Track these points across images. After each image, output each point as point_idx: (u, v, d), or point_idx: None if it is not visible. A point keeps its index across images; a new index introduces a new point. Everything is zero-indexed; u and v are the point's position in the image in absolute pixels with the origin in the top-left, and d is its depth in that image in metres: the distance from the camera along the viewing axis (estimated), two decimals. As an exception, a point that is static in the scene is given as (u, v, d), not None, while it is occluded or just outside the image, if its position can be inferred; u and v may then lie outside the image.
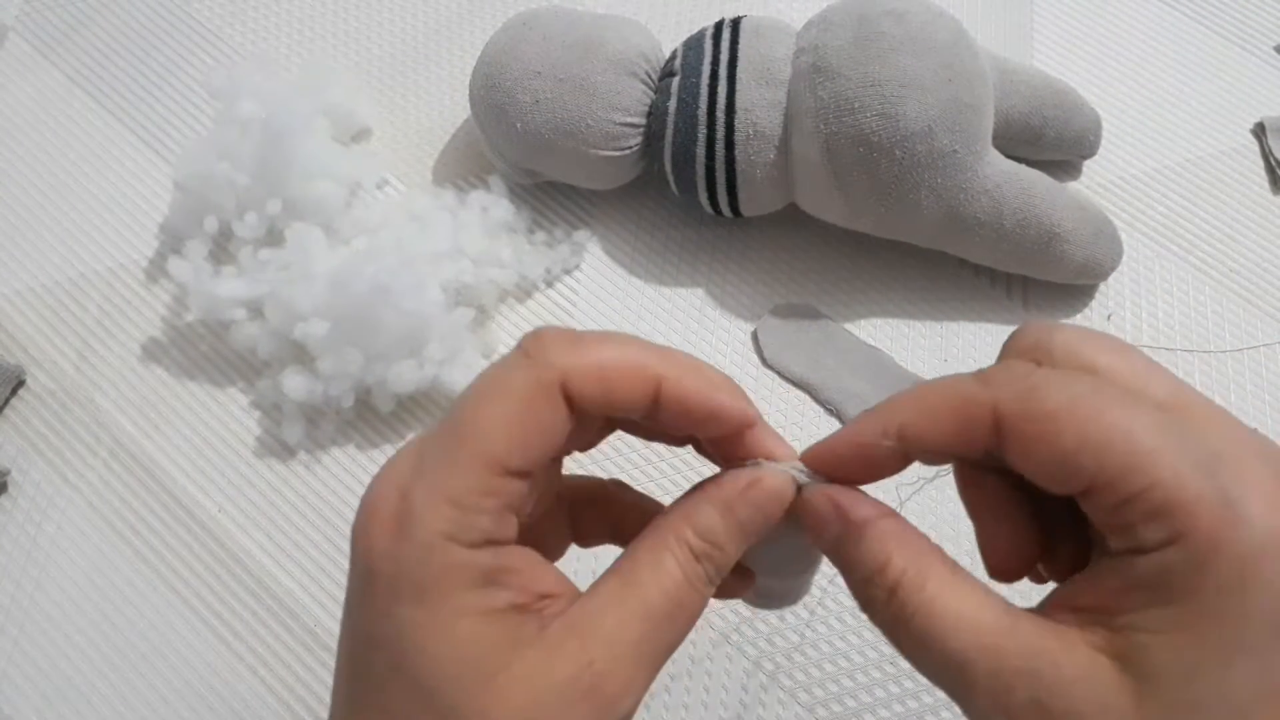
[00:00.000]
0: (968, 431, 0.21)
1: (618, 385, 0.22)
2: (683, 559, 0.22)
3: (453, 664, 0.21)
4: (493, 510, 0.21)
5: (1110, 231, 0.48)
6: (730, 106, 0.45)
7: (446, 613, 0.21)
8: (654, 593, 0.21)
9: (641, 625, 0.21)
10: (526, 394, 0.22)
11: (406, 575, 0.21)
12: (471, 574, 0.21)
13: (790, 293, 0.51)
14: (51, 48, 0.60)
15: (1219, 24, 0.59)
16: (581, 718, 0.21)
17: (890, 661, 0.42)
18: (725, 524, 0.22)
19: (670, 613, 0.21)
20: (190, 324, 0.51)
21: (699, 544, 0.22)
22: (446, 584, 0.21)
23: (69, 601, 0.44)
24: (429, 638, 0.21)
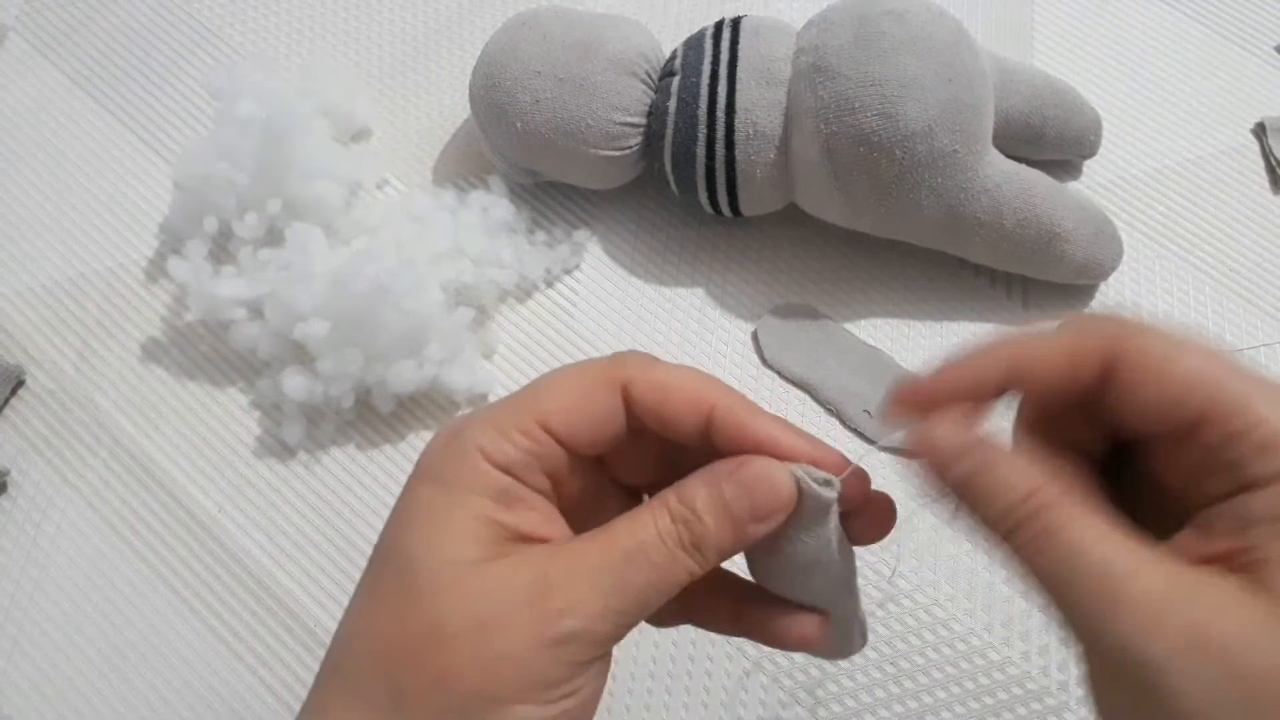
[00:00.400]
0: (1076, 369, 0.22)
1: (673, 399, 0.24)
2: (658, 515, 0.23)
3: (438, 540, 0.23)
4: (525, 449, 0.24)
5: (1110, 231, 0.48)
6: (730, 106, 0.45)
7: (454, 501, 0.23)
8: (621, 533, 0.23)
9: (600, 555, 0.23)
10: (590, 379, 0.25)
11: (439, 467, 0.24)
12: (488, 484, 0.23)
13: (790, 293, 0.51)
14: (51, 48, 0.60)
15: (1219, 24, 0.59)
16: (524, 620, 0.22)
17: (890, 662, 0.42)
18: (707, 495, 0.23)
19: (631, 553, 0.23)
20: (190, 324, 0.51)
21: (677, 507, 0.23)
22: (465, 480, 0.23)
23: (69, 601, 0.44)
24: (432, 513, 0.23)
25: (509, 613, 0.22)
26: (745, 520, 0.23)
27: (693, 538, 0.23)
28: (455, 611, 0.22)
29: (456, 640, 0.22)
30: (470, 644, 0.22)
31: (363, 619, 0.24)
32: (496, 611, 0.22)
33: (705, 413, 0.24)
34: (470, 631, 0.22)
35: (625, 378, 0.24)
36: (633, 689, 0.42)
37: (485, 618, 0.22)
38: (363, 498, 0.46)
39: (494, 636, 0.22)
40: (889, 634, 0.43)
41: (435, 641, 0.22)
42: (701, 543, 0.23)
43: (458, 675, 0.22)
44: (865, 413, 0.47)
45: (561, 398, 0.24)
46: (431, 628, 0.22)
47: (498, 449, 0.24)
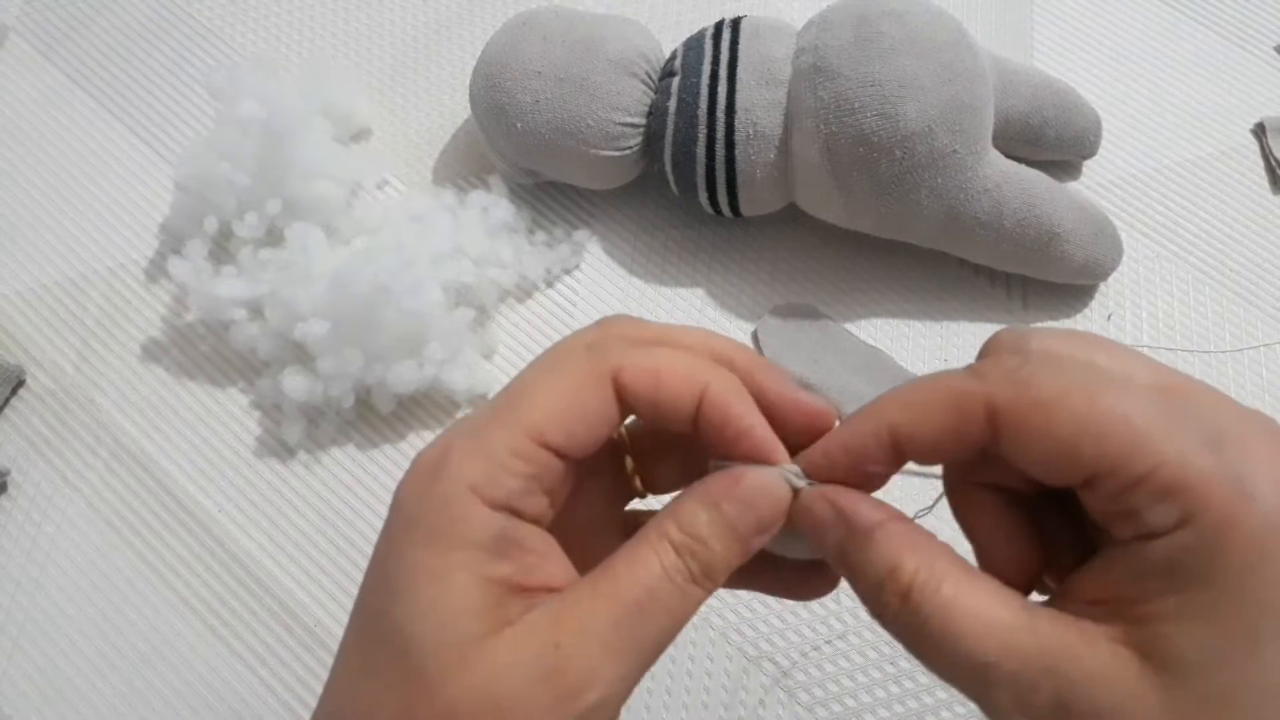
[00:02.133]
0: (962, 426, 0.21)
1: (666, 385, 0.22)
2: (661, 551, 0.21)
3: (437, 617, 0.21)
4: (522, 475, 0.21)
5: (1110, 231, 0.48)
6: (730, 106, 0.45)
7: (449, 562, 0.21)
8: (626, 582, 0.21)
9: (611, 612, 0.21)
10: (577, 377, 0.22)
11: (425, 518, 0.21)
12: (483, 533, 0.21)
13: (790, 293, 0.51)
14: (52, 48, 0.60)
15: (1219, 24, 0.59)
16: (542, 700, 0.20)
17: (890, 662, 0.42)
18: (709, 518, 0.22)
19: (642, 603, 0.21)
20: (190, 324, 0.51)
21: (680, 537, 0.22)
22: (458, 534, 0.21)
23: (69, 601, 0.44)
24: (426, 583, 0.21)
25: (524, 693, 0.20)
26: (750, 536, 0.22)
27: (702, 567, 0.22)
28: (466, 697, 0.20)
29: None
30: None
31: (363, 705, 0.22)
32: (511, 693, 0.20)
33: (698, 395, 0.22)
34: (484, 716, 0.20)
35: (613, 368, 0.22)
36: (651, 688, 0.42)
37: (499, 701, 0.20)
38: (363, 498, 0.46)
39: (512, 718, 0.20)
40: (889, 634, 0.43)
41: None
42: (710, 569, 0.22)
43: None
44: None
45: (551, 403, 0.22)
46: (444, 713, 0.20)
47: (492, 484, 0.21)
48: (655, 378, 0.22)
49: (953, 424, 0.21)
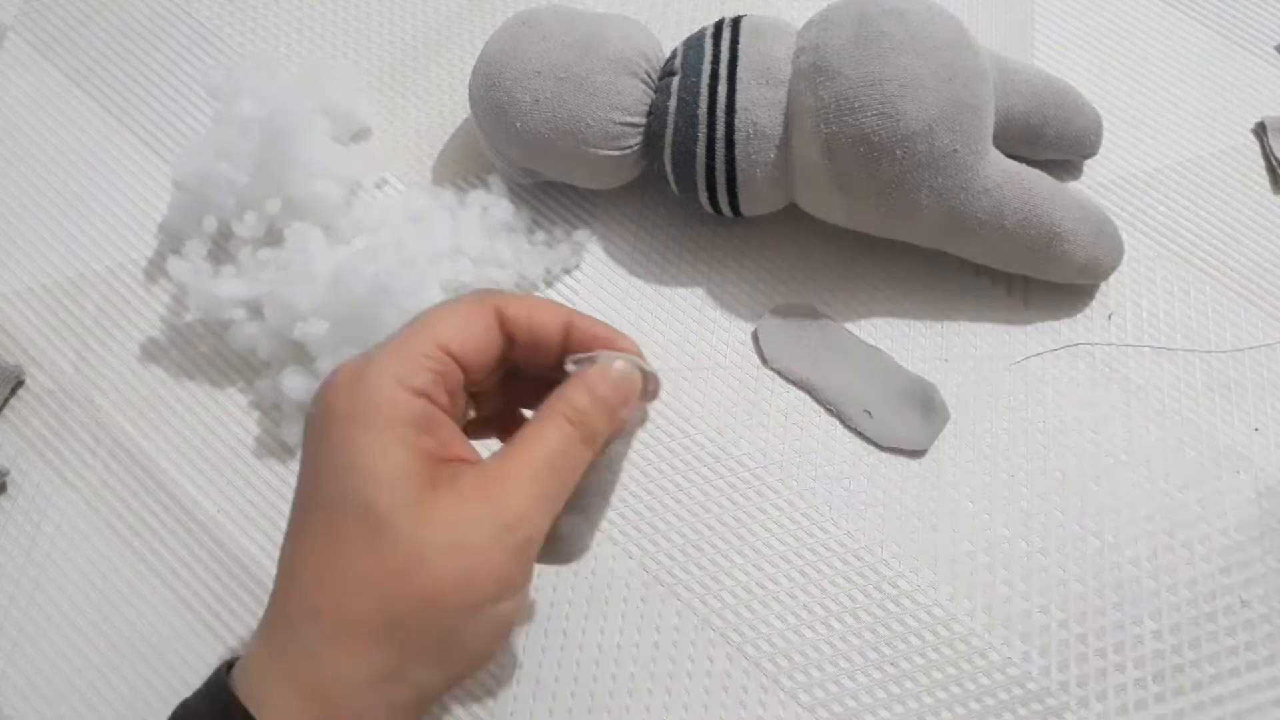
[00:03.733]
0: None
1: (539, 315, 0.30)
2: (559, 425, 0.29)
3: (388, 481, 0.26)
4: (432, 372, 0.28)
5: (1111, 231, 0.48)
6: (730, 106, 0.45)
7: (387, 437, 0.27)
8: (540, 449, 0.28)
9: (529, 469, 0.28)
10: (471, 306, 0.30)
11: (358, 409, 0.27)
12: (408, 413, 0.27)
13: (790, 293, 0.51)
14: (51, 48, 0.60)
15: (1219, 24, 0.59)
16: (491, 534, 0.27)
17: (890, 662, 0.42)
18: (589, 396, 0.29)
19: (553, 462, 0.28)
20: (190, 324, 0.51)
21: (571, 412, 0.29)
22: (389, 414, 0.27)
23: (69, 601, 0.44)
24: (371, 456, 0.26)
25: (476, 531, 0.26)
26: (617, 409, 0.30)
27: (587, 433, 0.29)
28: (431, 541, 0.26)
29: (437, 564, 0.26)
30: (449, 563, 0.26)
31: (335, 563, 0.26)
32: (468, 534, 0.26)
33: (564, 324, 0.30)
34: (448, 553, 0.26)
35: (498, 303, 0.30)
36: (633, 689, 0.42)
37: (457, 540, 0.26)
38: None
39: (468, 554, 0.26)
40: (889, 634, 0.43)
41: (420, 568, 0.26)
42: (594, 435, 0.29)
43: (444, 593, 0.26)
44: (865, 413, 0.47)
45: (452, 322, 0.29)
46: (411, 559, 0.26)
47: (411, 376, 0.27)
48: (530, 309, 0.30)
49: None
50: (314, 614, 0.27)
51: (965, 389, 0.48)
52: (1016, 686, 0.41)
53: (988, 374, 0.48)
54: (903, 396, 0.47)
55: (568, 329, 0.30)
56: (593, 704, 0.41)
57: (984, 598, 0.43)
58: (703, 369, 0.49)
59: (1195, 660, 0.42)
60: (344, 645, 0.26)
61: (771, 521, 0.45)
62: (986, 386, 0.48)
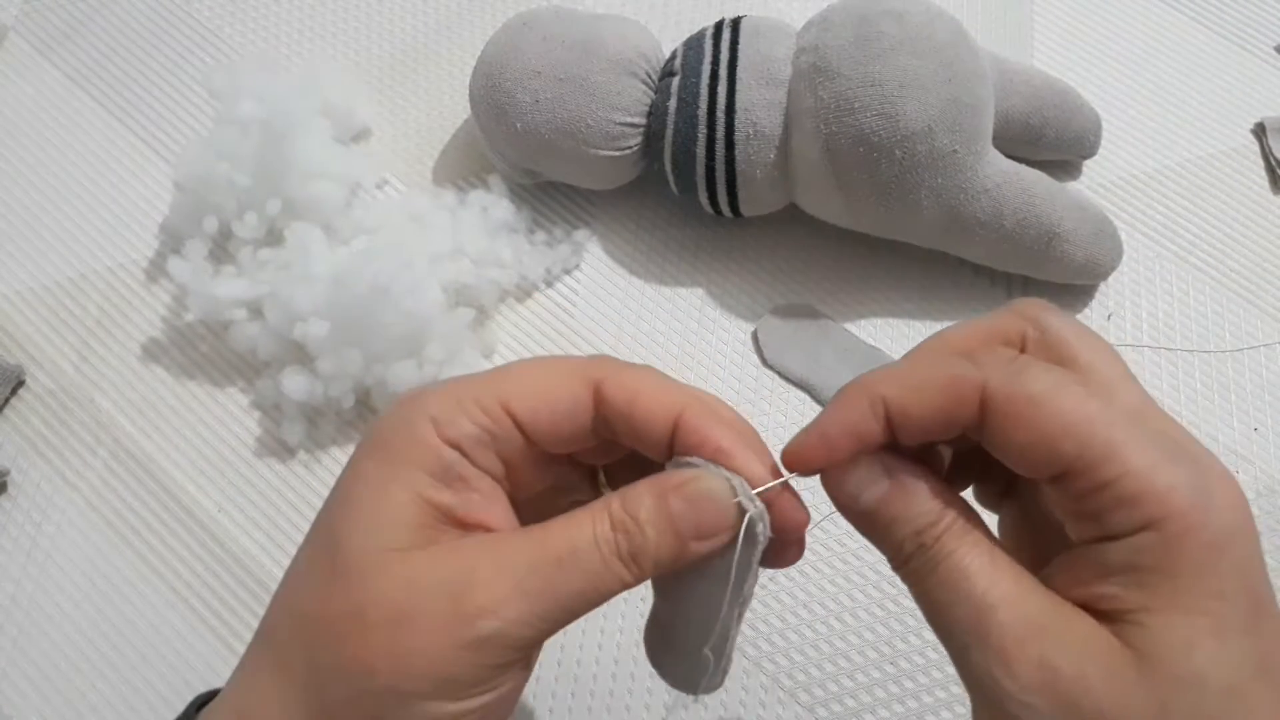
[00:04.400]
0: (954, 408, 0.22)
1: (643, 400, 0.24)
2: (598, 520, 0.23)
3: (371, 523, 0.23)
4: (480, 424, 0.23)
5: (1110, 231, 0.48)
6: (730, 106, 0.45)
7: (393, 477, 0.23)
8: (555, 536, 0.22)
9: (531, 556, 0.22)
10: (561, 371, 0.24)
11: (384, 437, 0.24)
12: (432, 459, 0.23)
13: (790, 293, 0.51)
14: (51, 48, 0.60)
15: (1219, 24, 0.59)
16: (440, 614, 0.21)
17: (890, 662, 0.42)
18: (652, 504, 0.23)
19: (562, 558, 0.22)
20: (190, 324, 0.51)
21: (620, 515, 0.23)
22: (408, 454, 0.23)
23: (69, 601, 0.44)
24: (369, 492, 0.23)
25: (426, 607, 0.21)
26: (689, 537, 0.23)
27: (632, 548, 0.22)
28: (376, 600, 0.22)
29: (374, 629, 0.21)
30: (386, 635, 0.21)
31: (293, 593, 0.24)
32: (414, 605, 0.21)
33: (674, 417, 0.24)
34: (387, 623, 0.21)
35: (598, 376, 0.24)
36: (633, 689, 0.42)
37: (403, 610, 0.21)
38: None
39: (408, 630, 0.21)
40: (889, 634, 0.43)
41: (356, 627, 0.22)
42: (640, 555, 0.22)
43: (371, 664, 0.21)
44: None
45: (528, 383, 0.24)
46: (352, 613, 0.22)
47: (450, 421, 0.23)
48: (634, 393, 0.24)
49: (946, 404, 0.22)
50: (267, 644, 0.24)
51: (965, 389, 0.48)
52: (1016, 686, 0.41)
53: (987, 374, 0.48)
54: (902, 396, 0.47)
55: (678, 422, 0.23)
56: (593, 704, 0.41)
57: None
58: (703, 369, 0.49)
59: (1195, 660, 0.42)
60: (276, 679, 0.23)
61: (771, 521, 0.45)
62: (986, 386, 0.48)
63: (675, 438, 0.24)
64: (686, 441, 0.23)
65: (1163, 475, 0.20)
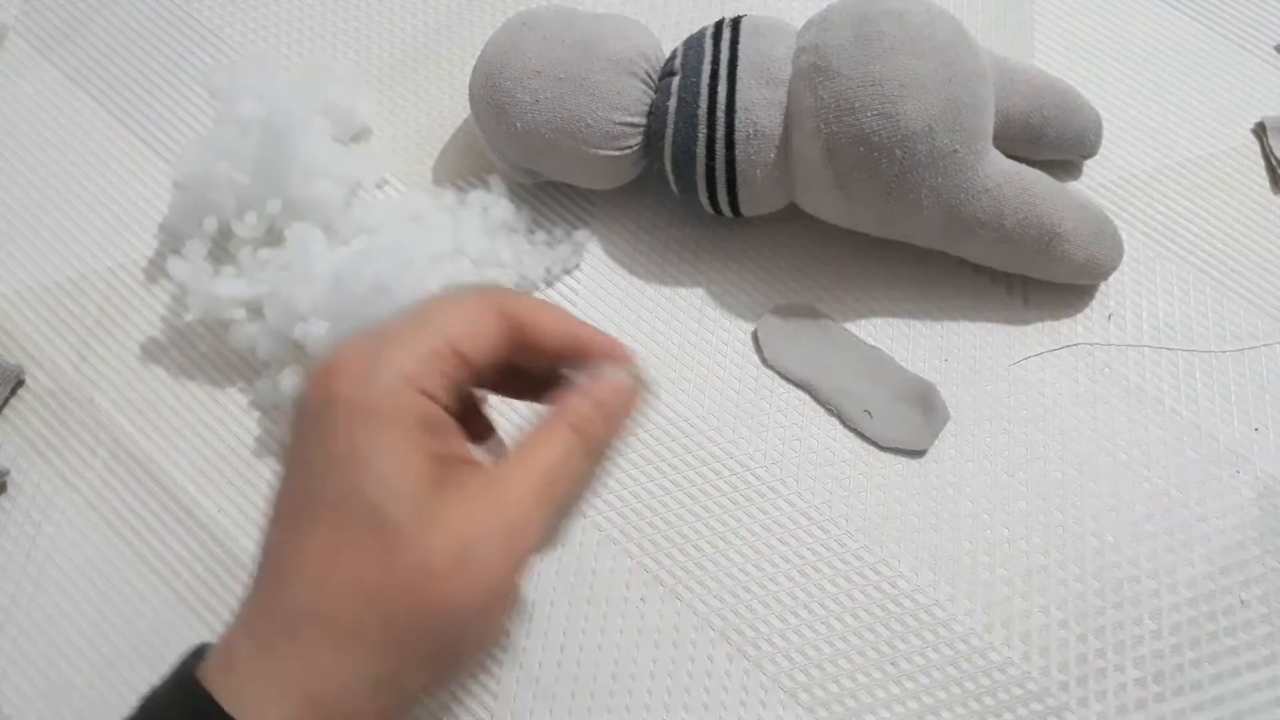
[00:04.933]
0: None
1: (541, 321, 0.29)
2: (565, 434, 0.28)
3: (398, 484, 0.26)
4: (442, 375, 0.27)
5: (1111, 231, 0.48)
6: (730, 106, 0.45)
7: (398, 438, 0.26)
8: (545, 456, 0.28)
9: (536, 476, 0.27)
10: (477, 305, 0.29)
11: (369, 405, 0.26)
12: (420, 415, 0.27)
13: (790, 293, 0.51)
14: (51, 48, 0.60)
15: (1219, 24, 0.59)
16: (497, 543, 0.26)
17: (890, 662, 0.42)
18: (594, 407, 0.29)
19: (556, 469, 0.28)
20: (190, 324, 0.51)
21: (577, 421, 0.28)
22: (401, 416, 0.26)
23: (69, 601, 0.44)
24: (381, 455, 0.26)
25: (483, 542, 0.26)
26: (618, 419, 0.29)
27: (591, 443, 0.29)
28: (439, 549, 0.25)
29: (444, 574, 0.25)
30: (456, 575, 0.25)
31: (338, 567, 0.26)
32: (472, 544, 0.26)
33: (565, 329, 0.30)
34: (454, 565, 0.25)
35: (502, 302, 0.29)
36: (633, 689, 0.42)
37: (464, 551, 0.25)
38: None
39: (474, 565, 0.26)
40: (889, 634, 0.43)
41: (424, 577, 0.25)
42: (597, 446, 0.29)
43: (449, 602, 0.25)
44: (865, 413, 0.47)
45: (459, 321, 0.28)
46: (421, 565, 0.25)
47: (423, 376, 0.27)
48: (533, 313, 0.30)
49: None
50: (313, 617, 0.26)
51: (965, 389, 0.48)
52: (1016, 686, 0.41)
53: (988, 374, 0.48)
54: (902, 396, 0.47)
55: (567, 335, 0.30)
56: (593, 704, 0.41)
57: (984, 598, 0.43)
58: (703, 369, 0.49)
59: (1195, 660, 0.42)
60: (343, 651, 0.25)
61: (771, 521, 0.45)
62: (986, 386, 0.48)
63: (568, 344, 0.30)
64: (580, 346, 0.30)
65: None
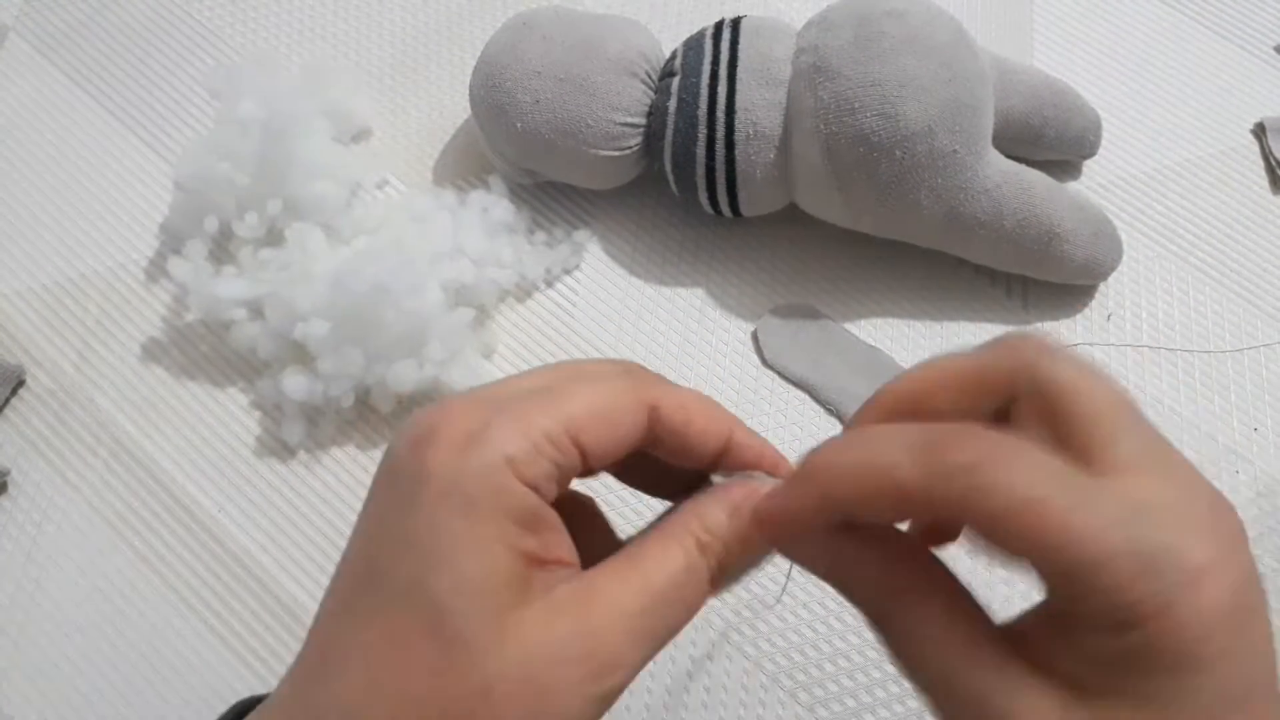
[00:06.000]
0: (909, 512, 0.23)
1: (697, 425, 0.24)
2: (688, 547, 0.23)
3: (476, 588, 0.21)
4: (552, 463, 0.22)
5: (1110, 231, 0.48)
6: (730, 106, 0.45)
7: (488, 532, 0.21)
8: (657, 574, 0.22)
9: (641, 600, 0.22)
10: (619, 392, 0.24)
11: (463, 487, 0.22)
12: (518, 507, 0.22)
13: (790, 293, 0.51)
14: (51, 48, 0.60)
15: (1219, 24, 0.59)
16: (575, 678, 0.21)
17: (890, 662, 0.42)
18: (731, 524, 0.23)
19: (669, 594, 0.22)
20: (190, 324, 0.51)
21: (705, 537, 0.23)
22: (497, 506, 0.22)
23: (69, 601, 0.44)
24: (463, 552, 0.21)
25: (559, 672, 0.21)
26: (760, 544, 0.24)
27: (719, 564, 0.23)
28: (502, 674, 0.21)
29: (506, 701, 0.21)
30: (520, 704, 0.21)
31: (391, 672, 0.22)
32: (546, 671, 0.21)
33: (724, 439, 0.24)
34: (520, 692, 0.21)
35: (652, 396, 0.24)
36: (632, 689, 0.42)
37: (535, 677, 0.21)
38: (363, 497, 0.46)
39: (545, 696, 0.21)
40: (889, 634, 0.43)
41: (485, 703, 0.21)
42: (725, 568, 0.23)
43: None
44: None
45: (591, 406, 0.23)
46: (481, 689, 0.21)
47: (529, 462, 0.22)
48: (688, 414, 0.24)
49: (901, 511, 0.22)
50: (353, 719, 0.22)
51: (965, 389, 0.48)
52: (1016, 686, 0.41)
53: (987, 374, 0.48)
54: (902, 396, 0.47)
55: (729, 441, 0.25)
56: (593, 704, 0.41)
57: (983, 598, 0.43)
58: (703, 369, 0.49)
59: (1195, 660, 0.42)
60: None
61: (771, 521, 0.45)
62: (986, 386, 0.48)
63: (727, 454, 0.25)
64: (742, 457, 0.25)
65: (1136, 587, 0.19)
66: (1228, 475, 0.46)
